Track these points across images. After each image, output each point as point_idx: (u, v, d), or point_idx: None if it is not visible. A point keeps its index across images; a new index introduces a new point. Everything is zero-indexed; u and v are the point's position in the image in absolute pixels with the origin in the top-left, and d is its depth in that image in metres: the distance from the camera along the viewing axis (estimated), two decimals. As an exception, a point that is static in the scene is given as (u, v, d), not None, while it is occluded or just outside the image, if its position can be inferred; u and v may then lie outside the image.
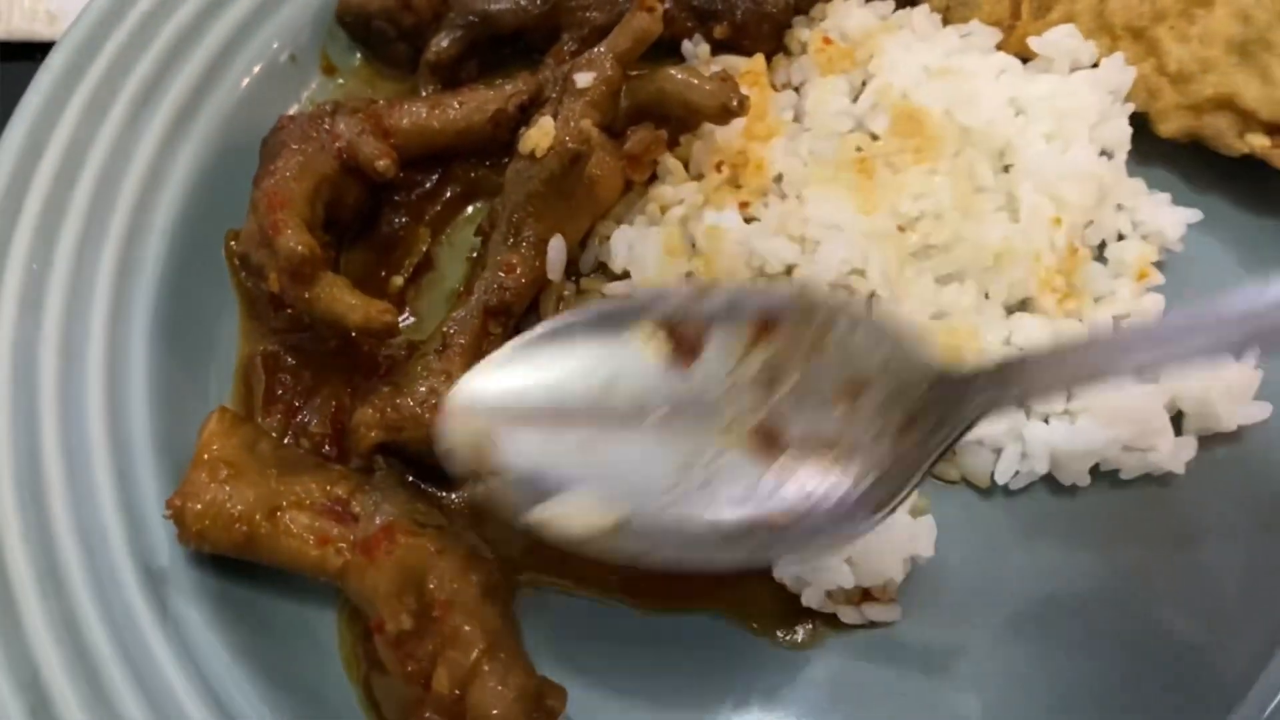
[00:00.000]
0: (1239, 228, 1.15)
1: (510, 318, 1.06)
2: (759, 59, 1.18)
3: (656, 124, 1.10)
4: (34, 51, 1.35)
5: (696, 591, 1.00)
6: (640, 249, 1.10)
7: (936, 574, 1.00)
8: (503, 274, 1.05)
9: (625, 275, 1.11)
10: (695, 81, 1.08)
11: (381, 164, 1.06)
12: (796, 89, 1.21)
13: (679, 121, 1.10)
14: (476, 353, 1.03)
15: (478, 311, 1.04)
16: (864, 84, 1.17)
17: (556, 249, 1.07)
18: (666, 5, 1.17)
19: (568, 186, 1.05)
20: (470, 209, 1.20)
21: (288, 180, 1.03)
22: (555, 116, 1.07)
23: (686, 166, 1.15)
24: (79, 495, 0.98)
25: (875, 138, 1.13)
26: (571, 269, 1.13)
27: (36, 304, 1.03)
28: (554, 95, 1.11)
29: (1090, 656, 0.98)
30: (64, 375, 1.02)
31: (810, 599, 0.98)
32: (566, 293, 1.13)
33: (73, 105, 1.10)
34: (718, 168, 1.12)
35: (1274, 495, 1.03)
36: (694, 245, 1.09)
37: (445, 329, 1.05)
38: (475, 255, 1.14)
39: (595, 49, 1.10)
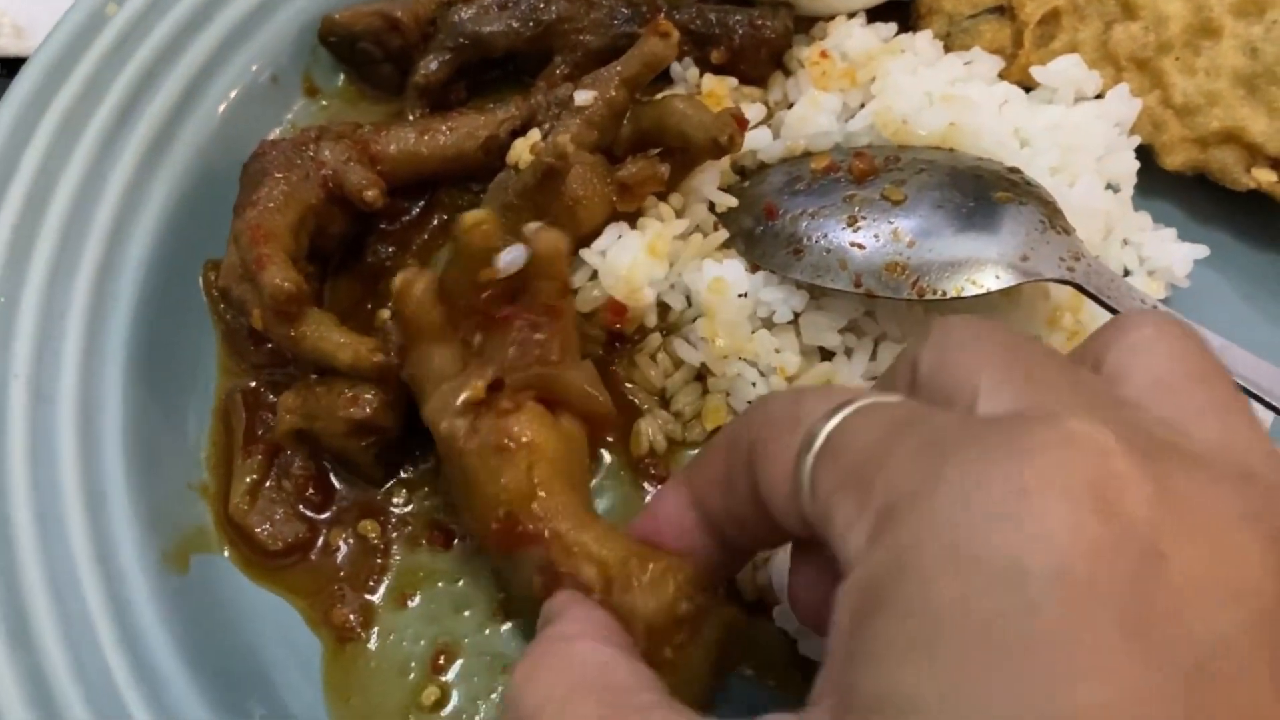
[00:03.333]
0: (1245, 263, 1.14)
1: None
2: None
3: (661, 155, 1.07)
4: (-1, 66, 1.31)
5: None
6: (618, 247, 1.05)
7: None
8: None
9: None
10: (691, 113, 1.04)
11: (369, 194, 1.02)
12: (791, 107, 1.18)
13: (682, 155, 1.07)
14: None
15: None
16: (862, 105, 1.14)
17: (514, 252, 0.99)
18: (667, 29, 1.14)
19: (542, 201, 1.01)
20: (458, 237, 1.16)
21: (271, 211, 0.99)
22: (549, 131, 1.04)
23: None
24: (50, 541, 0.93)
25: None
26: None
27: (5, 339, 0.98)
28: (552, 115, 1.08)
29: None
30: (34, 413, 0.97)
31: (809, 649, 0.94)
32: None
33: (42, 130, 1.05)
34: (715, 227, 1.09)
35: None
36: (689, 301, 1.06)
37: (387, 325, 1.00)
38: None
39: (603, 69, 1.07)
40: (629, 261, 1.03)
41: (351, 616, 0.97)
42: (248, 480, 1.01)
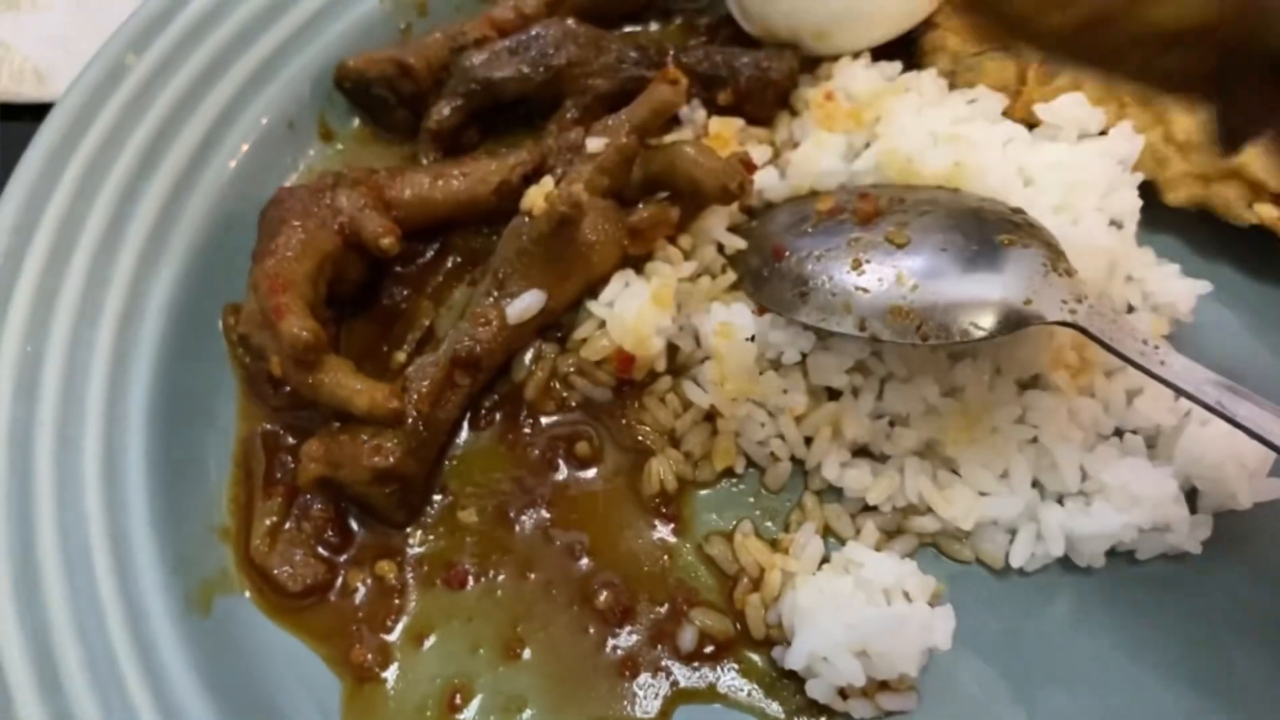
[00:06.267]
0: (1248, 297, 1.15)
1: (479, 371, 1.04)
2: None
3: (670, 199, 1.09)
4: (20, 112, 1.33)
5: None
6: (625, 296, 1.08)
7: (952, 657, 0.98)
8: (477, 326, 1.04)
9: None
10: (701, 159, 1.06)
11: (385, 242, 1.04)
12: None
13: (691, 200, 1.09)
14: (436, 401, 1.01)
15: (444, 360, 1.03)
16: (867, 145, 1.16)
17: (528, 299, 1.04)
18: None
19: (557, 248, 1.04)
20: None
21: (289, 261, 1.01)
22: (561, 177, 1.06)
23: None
24: (76, 583, 0.95)
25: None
26: (556, 332, 1.11)
27: (32, 386, 1.00)
28: (564, 160, 1.10)
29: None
30: (60, 459, 0.99)
31: (816, 691, 0.96)
32: (547, 353, 1.10)
33: (66, 179, 1.08)
34: (723, 269, 1.11)
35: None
36: (697, 341, 1.08)
37: (407, 373, 1.03)
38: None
39: (613, 116, 1.09)
40: (636, 311, 1.05)
41: (370, 656, 0.99)
42: (268, 522, 1.03)
